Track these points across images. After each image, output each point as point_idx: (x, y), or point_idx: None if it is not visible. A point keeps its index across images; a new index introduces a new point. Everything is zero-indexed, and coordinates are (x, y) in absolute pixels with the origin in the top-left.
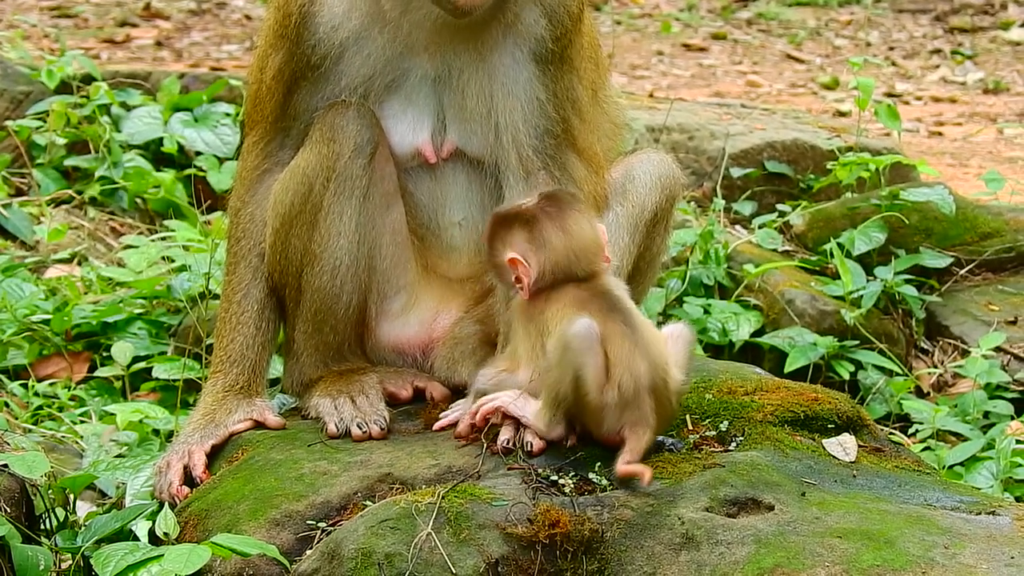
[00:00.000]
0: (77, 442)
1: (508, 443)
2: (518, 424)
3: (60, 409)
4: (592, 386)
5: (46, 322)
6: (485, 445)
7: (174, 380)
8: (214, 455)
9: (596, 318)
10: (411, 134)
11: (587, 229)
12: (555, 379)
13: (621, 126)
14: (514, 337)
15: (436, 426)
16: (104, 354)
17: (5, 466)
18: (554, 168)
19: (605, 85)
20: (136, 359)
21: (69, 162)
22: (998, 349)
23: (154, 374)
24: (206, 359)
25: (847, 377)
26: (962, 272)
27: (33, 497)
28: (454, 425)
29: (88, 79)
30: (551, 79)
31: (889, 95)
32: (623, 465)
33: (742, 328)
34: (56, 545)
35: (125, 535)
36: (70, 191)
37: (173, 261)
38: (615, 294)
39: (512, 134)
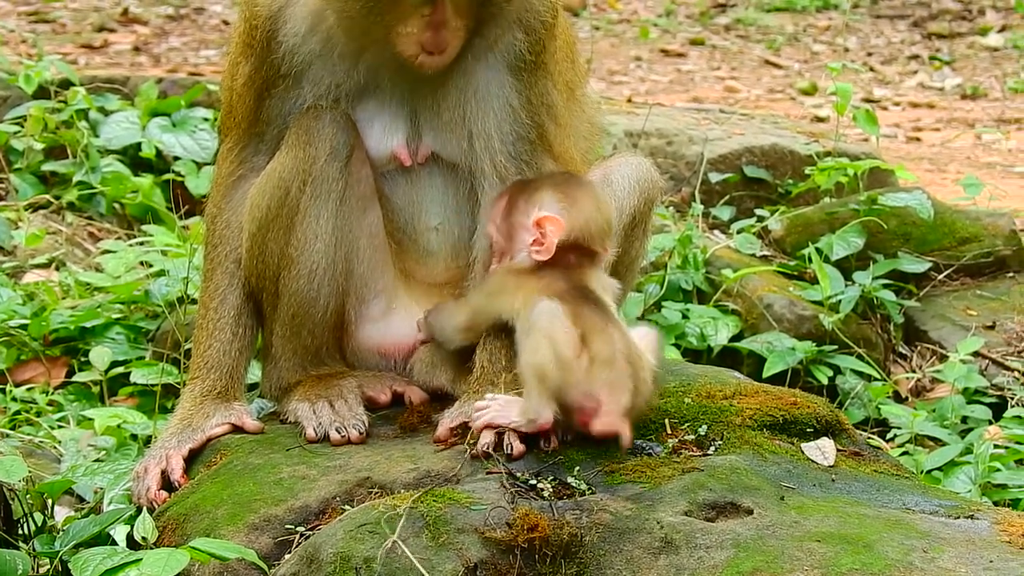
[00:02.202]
0: (55, 447)
1: (488, 447)
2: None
3: (38, 414)
4: (565, 347)
5: (24, 327)
6: (468, 450)
7: (152, 385)
8: (192, 460)
9: (567, 303)
10: (386, 138)
11: (610, 205)
12: (531, 358)
13: (599, 126)
14: (473, 294)
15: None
16: (82, 359)
17: None
18: (529, 173)
19: (582, 83)
20: (114, 364)
21: (47, 167)
22: (976, 354)
23: (132, 379)
24: (184, 364)
25: (825, 382)
26: (940, 277)
27: (11, 502)
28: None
29: (66, 84)
30: (525, 85)
31: (867, 100)
32: (600, 423)
33: (720, 333)
34: (34, 550)
35: (103, 540)
36: (48, 196)
37: (151, 266)
38: (591, 289)
39: (485, 141)
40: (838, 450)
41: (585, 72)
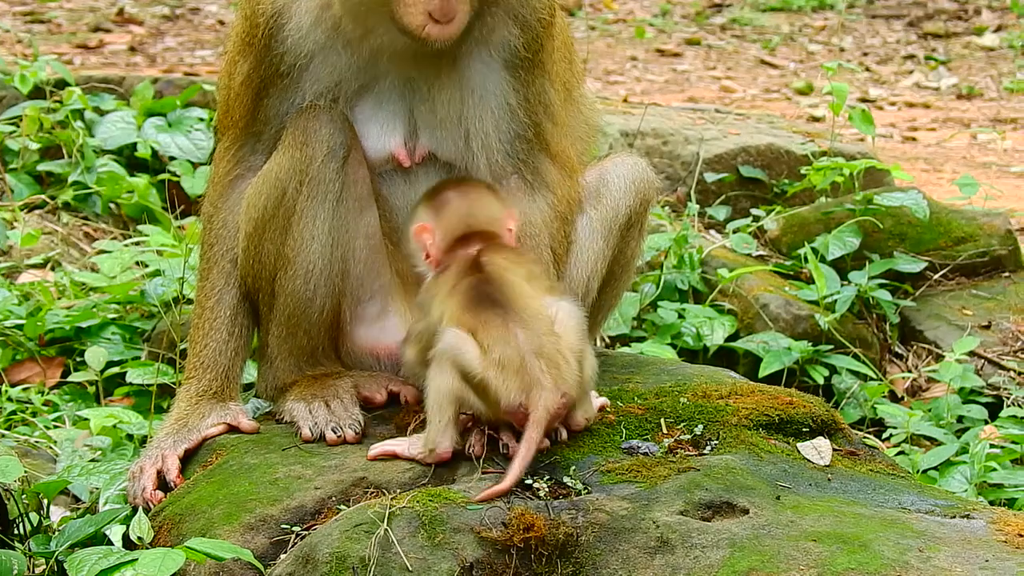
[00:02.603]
0: (51, 447)
1: (471, 448)
2: (493, 428)
3: (34, 414)
4: (474, 366)
5: (19, 327)
6: (464, 450)
7: (148, 385)
8: (188, 460)
9: (467, 310)
10: (384, 138)
11: (485, 194)
12: (437, 384)
13: (596, 127)
14: (414, 319)
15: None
16: (78, 359)
17: None
18: (526, 172)
19: (580, 85)
20: (110, 364)
21: (42, 167)
22: (972, 354)
23: (128, 379)
24: (180, 364)
25: (821, 381)
26: (936, 277)
27: (7, 502)
28: None
29: (61, 84)
30: (522, 84)
31: (863, 100)
32: (530, 426)
33: (716, 332)
34: (30, 550)
35: (99, 540)
36: (43, 196)
37: (147, 266)
38: (493, 279)
39: (482, 139)
40: (834, 450)
41: (582, 73)
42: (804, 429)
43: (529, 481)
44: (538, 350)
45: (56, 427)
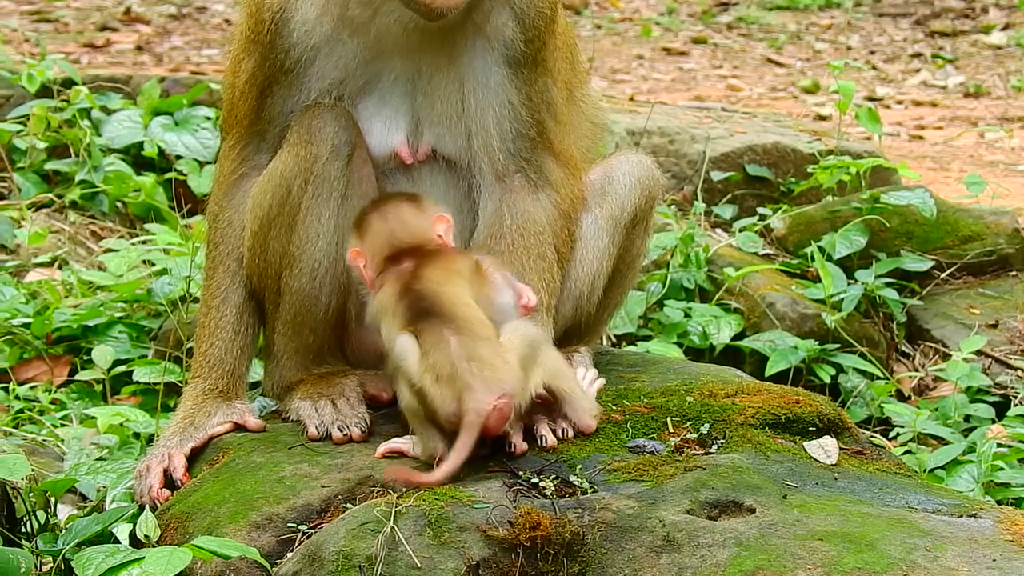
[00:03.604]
0: (58, 445)
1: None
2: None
3: (41, 412)
4: (414, 375)
5: (27, 326)
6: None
7: (155, 383)
8: (194, 458)
9: (405, 319)
10: (387, 136)
11: (405, 210)
12: (402, 398)
13: (600, 126)
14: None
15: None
16: (85, 358)
17: None
18: (530, 171)
19: (582, 84)
20: (117, 362)
21: (49, 166)
22: (979, 353)
23: (135, 377)
24: (187, 363)
25: (828, 380)
26: (943, 276)
27: (14, 500)
28: None
29: (69, 83)
30: (524, 82)
31: (870, 99)
32: (462, 432)
33: (723, 331)
34: (37, 548)
35: (106, 538)
36: (51, 195)
37: (154, 265)
38: (427, 292)
39: (484, 137)
40: (841, 449)
41: (585, 73)
42: (811, 428)
43: (536, 480)
44: (471, 354)
45: (63, 425)
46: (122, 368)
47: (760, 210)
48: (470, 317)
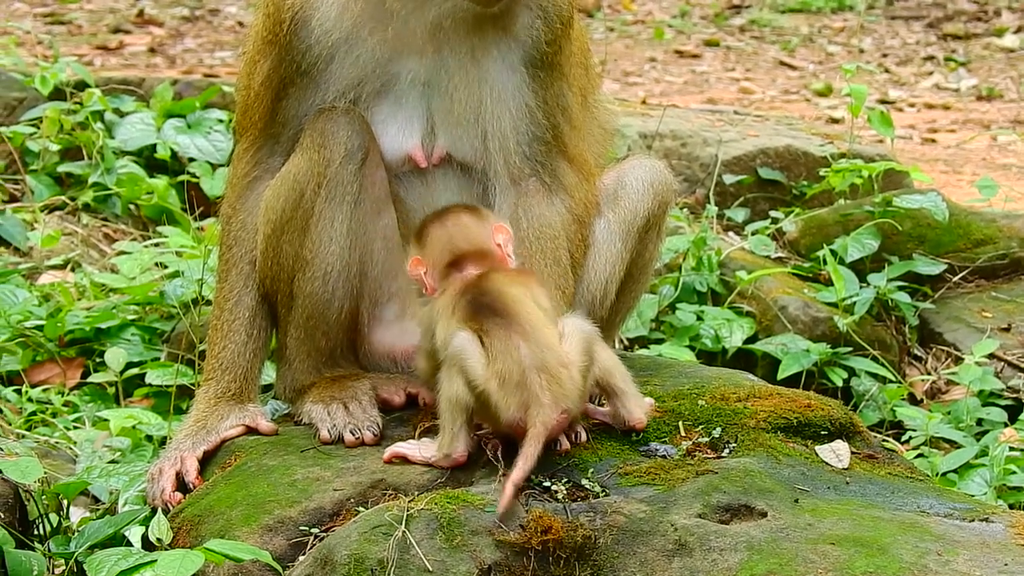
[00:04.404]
0: (70, 448)
1: (493, 450)
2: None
3: (54, 415)
4: (478, 376)
5: (40, 328)
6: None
7: (167, 386)
8: (207, 461)
9: (469, 321)
10: (401, 139)
11: (465, 220)
12: (446, 393)
13: (611, 132)
14: (420, 337)
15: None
16: (97, 360)
17: None
18: (544, 175)
19: (595, 90)
20: (129, 365)
21: (62, 168)
22: (991, 356)
23: (147, 380)
24: (199, 365)
25: (840, 384)
26: (955, 279)
27: (27, 502)
28: None
29: (81, 85)
30: (541, 85)
31: (882, 102)
32: (527, 440)
33: (735, 335)
34: (50, 550)
35: (118, 541)
36: (63, 197)
37: (166, 267)
38: (494, 292)
39: (500, 140)
40: (852, 452)
41: (598, 78)
42: (822, 432)
43: (547, 484)
44: (540, 365)
45: (76, 428)
46: (135, 371)
47: (772, 213)
48: (535, 321)
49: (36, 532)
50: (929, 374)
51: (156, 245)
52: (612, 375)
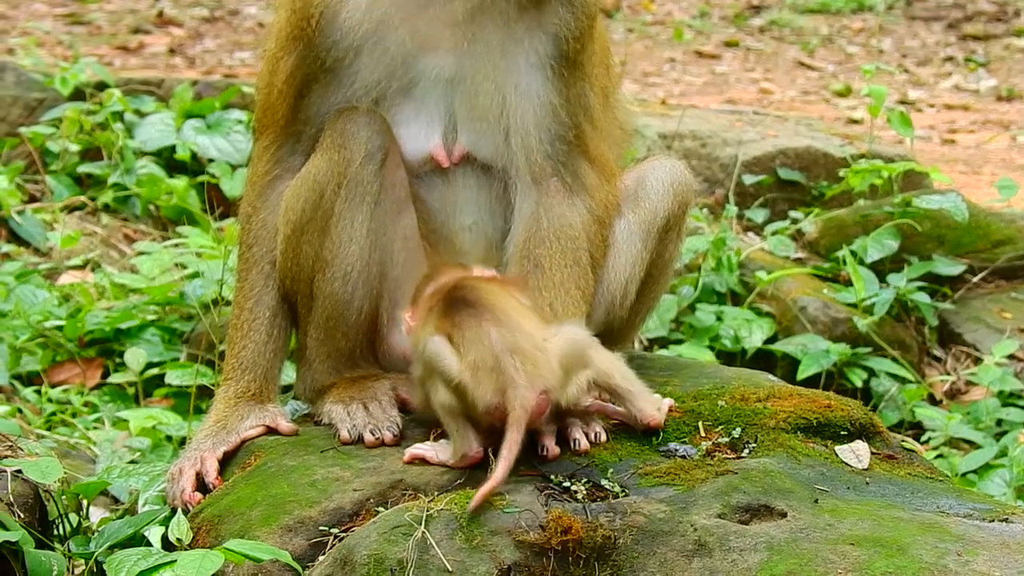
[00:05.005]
0: (90, 448)
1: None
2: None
3: (73, 415)
4: (452, 371)
5: (59, 328)
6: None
7: (187, 386)
8: (227, 461)
9: (443, 316)
10: (423, 138)
11: (454, 271)
12: (436, 398)
13: (631, 133)
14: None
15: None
16: (117, 360)
17: (19, 471)
18: (565, 175)
19: (616, 90)
20: (149, 365)
21: (82, 169)
22: (1011, 357)
23: (167, 380)
24: (219, 365)
25: (860, 384)
26: (975, 279)
27: (46, 503)
28: None
29: (101, 86)
30: (565, 84)
31: (902, 102)
32: (511, 421)
33: (754, 335)
34: (69, 551)
35: (138, 541)
36: (83, 198)
37: (186, 268)
38: (466, 287)
39: (522, 137)
40: (872, 453)
41: (618, 78)
42: (842, 432)
43: (567, 484)
44: (512, 347)
45: (96, 428)
46: (154, 371)
47: (792, 214)
48: (507, 308)
49: (56, 532)
50: (949, 375)
51: (176, 245)
52: (611, 376)
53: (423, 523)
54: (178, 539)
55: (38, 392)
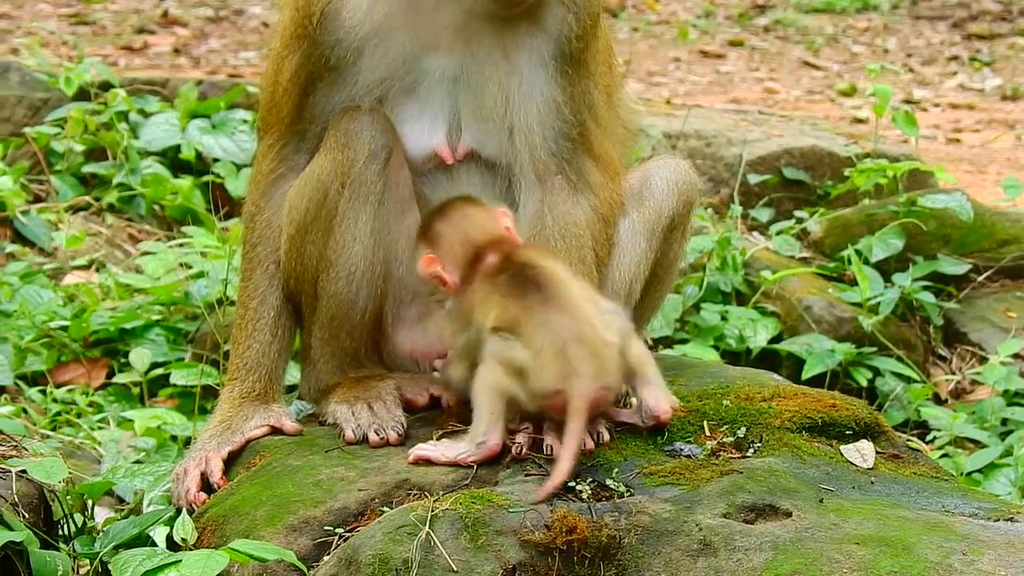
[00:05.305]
0: (95, 448)
1: (521, 449)
2: (536, 430)
3: (78, 415)
4: (518, 357)
5: (64, 328)
6: (509, 454)
7: (192, 386)
8: (231, 461)
9: (510, 299)
10: (427, 135)
11: (470, 211)
12: (485, 378)
13: (634, 131)
14: (453, 338)
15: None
16: (122, 360)
17: (24, 472)
18: (570, 172)
19: (619, 89)
20: (154, 365)
21: (87, 169)
22: (1016, 356)
23: (172, 380)
24: (223, 365)
25: (865, 384)
26: (980, 279)
27: (51, 503)
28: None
29: (106, 86)
30: (569, 82)
31: (907, 102)
32: (571, 408)
33: (759, 335)
34: (74, 551)
35: (143, 541)
36: (88, 198)
37: (191, 267)
38: (535, 265)
39: (526, 135)
40: (877, 452)
41: (621, 77)
42: (847, 432)
43: (572, 483)
44: (579, 337)
45: (101, 428)
46: (159, 371)
47: (797, 213)
48: (574, 296)
49: (61, 532)
50: (954, 374)
51: (180, 245)
52: (645, 364)
53: (428, 523)
54: (183, 539)
55: (43, 392)
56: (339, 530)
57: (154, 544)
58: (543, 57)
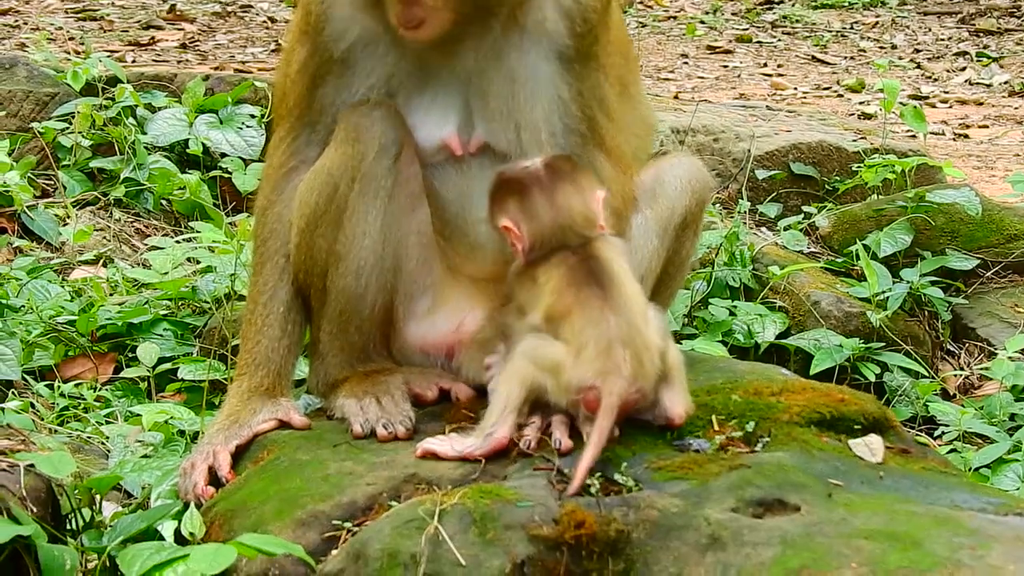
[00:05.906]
0: (103, 443)
1: (530, 444)
2: (544, 424)
3: (86, 410)
4: (558, 354)
5: (72, 323)
6: (517, 448)
7: (200, 381)
8: (239, 456)
9: (570, 285)
10: (438, 128)
11: (576, 203)
12: (513, 365)
13: (652, 125)
14: (515, 299)
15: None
16: (129, 355)
17: (31, 466)
18: None
19: (636, 81)
20: (161, 360)
21: (94, 164)
22: None
23: (180, 375)
24: (232, 360)
25: (873, 379)
26: (988, 274)
27: (59, 497)
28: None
29: (113, 81)
30: (575, 77)
31: (914, 97)
32: (603, 406)
33: (768, 330)
34: (82, 545)
35: (151, 535)
36: (95, 193)
37: (198, 262)
38: (601, 259)
39: (532, 133)
40: (886, 447)
41: (639, 69)
42: (856, 427)
43: None
44: (626, 339)
45: (108, 423)
46: (167, 366)
47: (805, 208)
48: (631, 297)
49: (69, 527)
50: (962, 369)
51: (188, 240)
52: (675, 368)
53: (436, 517)
54: (191, 533)
55: (50, 387)
56: (347, 524)
57: (162, 538)
58: (542, 55)
